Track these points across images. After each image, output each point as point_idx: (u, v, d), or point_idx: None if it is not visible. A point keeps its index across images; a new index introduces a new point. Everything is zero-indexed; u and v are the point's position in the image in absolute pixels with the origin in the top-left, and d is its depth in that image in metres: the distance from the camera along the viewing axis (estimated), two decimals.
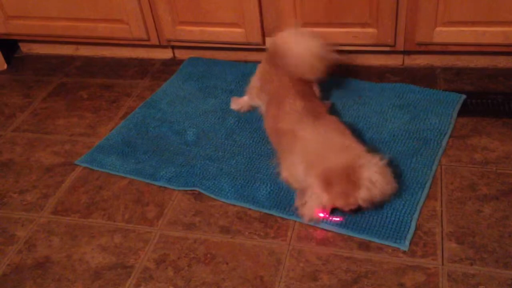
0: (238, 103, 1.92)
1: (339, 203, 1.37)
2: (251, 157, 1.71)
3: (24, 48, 2.57)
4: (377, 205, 1.41)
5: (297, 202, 1.43)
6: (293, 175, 1.47)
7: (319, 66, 1.65)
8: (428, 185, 1.52)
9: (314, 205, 1.37)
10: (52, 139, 1.94)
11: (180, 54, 2.36)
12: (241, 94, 1.95)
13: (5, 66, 2.45)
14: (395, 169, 1.44)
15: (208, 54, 2.29)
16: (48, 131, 1.98)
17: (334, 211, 1.43)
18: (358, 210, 1.41)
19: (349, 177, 1.33)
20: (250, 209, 1.52)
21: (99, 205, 1.61)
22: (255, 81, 1.81)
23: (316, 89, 1.76)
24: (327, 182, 1.34)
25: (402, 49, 2.01)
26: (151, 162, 1.73)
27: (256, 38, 2.11)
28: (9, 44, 2.52)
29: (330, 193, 1.35)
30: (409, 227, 1.40)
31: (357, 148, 1.40)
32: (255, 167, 1.66)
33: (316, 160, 1.39)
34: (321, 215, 1.41)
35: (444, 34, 1.90)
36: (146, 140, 1.84)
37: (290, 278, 1.32)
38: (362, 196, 1.34)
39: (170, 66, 2.31)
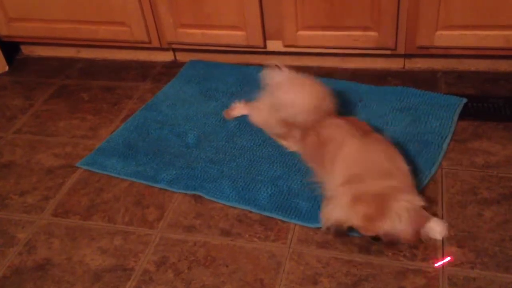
0: (231, 115, 1.90)
1: (358, 223, 1.34)
2: (252, 159, 1.70)
3: (26, 50, 2.57)
4: (395, 243, 1.35)
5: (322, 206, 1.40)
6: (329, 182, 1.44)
7: (323, 109, 1.62)
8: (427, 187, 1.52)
9: (335, 214, 1.35)
10: (53, 141, 1.94)
11: (181, 57, 2.36)
12: (242, 97, 1.95)
13: (7, 68, 2.46)
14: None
15: (209, 57, 2.29)
16: (49, 133, 1.99)
17: (351, 230, 1.39)
18: (378, 239, 1.36)
19: (379, 203, 1.30)
20: (250, 211, 1.52)
21: (99, 207, 1.61)
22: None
23: None
24: (355, 199, 1.33)
25: (403, 53, 2.01)
26: (152, 165, 1.73)
27: (257, 41, 2.11)
28: (10, 46, 2.52)
29: (352, 210, 1.33)
30: None
31: (400, 180, 1.36)
32: (256, 169, 1.66)
33: (355, 176, 1.37)
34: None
35: (445, 37, 1.90)
36: (147, 143, 1.84)
37: (290, 281, 1.32)
38: (385, 228, 1.30)
39: (171, 68, 2.31)
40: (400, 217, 1.29)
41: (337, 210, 1.35)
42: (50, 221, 1.59)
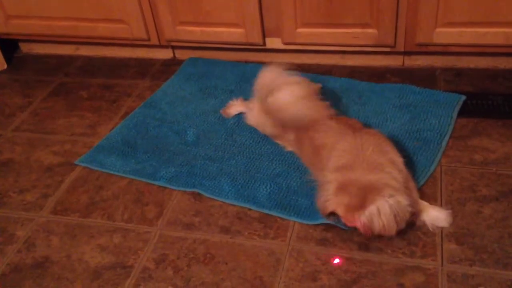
0: (229, 113, 1.90)
1: (339, 211, 1.35)
2: (251, 157, 1.70)
3: (24, 48, 2.57)
4: (371, 236, 1.35)
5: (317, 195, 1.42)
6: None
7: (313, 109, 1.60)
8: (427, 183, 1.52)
9: (322, 200, 1.37)
10: (52, 139, 1.94)
11: (180, 54, 2.36)
12: (241, 94, 1.95)
13: (5, 66, 2.45)
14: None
15: (208, 54, 2.29)
16: (48, 131, 1.98)
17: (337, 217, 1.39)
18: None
19: (362, 195, 1.30)
20: (249, 209, 1.52)
21: (98, 205, 1.61)
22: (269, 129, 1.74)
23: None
24: (341, 188, 1.33)
25: (402, 50, 2.01)
26: (151, 162, 1.73)
27: (256, 38, 2.11)
28: (9, 43, 2.52)
29: (336, 198, 1.34)
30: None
31: (390, 175, 1.35)
32: (255, 167, 1.66)
33: (344, 165, 1.38)
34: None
35: (444, 35, 1.90)
36: (146, 140, 1.84)
37: (289, 279, 1.32)
38: (362, 218, 1.31)
39: (170, 66, 2.31)
40: (380, 211, 1.29)
41: (324, 196, 1.37)
42: (49, 218, 1.59)
